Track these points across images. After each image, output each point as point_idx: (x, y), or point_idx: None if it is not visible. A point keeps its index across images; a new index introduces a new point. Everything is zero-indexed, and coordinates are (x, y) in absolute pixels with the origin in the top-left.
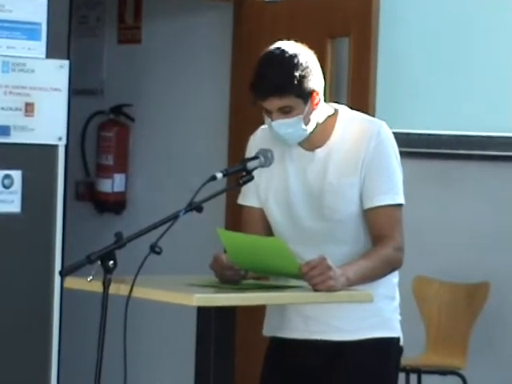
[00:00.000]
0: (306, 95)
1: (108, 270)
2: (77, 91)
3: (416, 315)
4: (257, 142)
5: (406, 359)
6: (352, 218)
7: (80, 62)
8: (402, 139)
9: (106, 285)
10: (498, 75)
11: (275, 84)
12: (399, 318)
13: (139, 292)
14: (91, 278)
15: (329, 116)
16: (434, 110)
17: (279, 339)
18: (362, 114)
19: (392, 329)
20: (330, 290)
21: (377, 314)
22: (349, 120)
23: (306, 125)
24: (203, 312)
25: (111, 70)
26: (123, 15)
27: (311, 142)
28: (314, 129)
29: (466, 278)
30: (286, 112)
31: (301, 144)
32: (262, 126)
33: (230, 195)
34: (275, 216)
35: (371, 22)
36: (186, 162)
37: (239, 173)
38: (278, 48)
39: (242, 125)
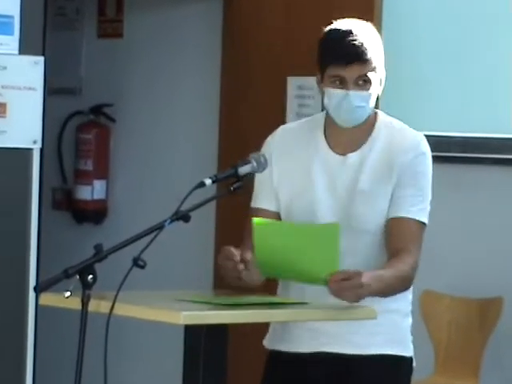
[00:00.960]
0: (379, 71)
1: (87, 286)
2: (53, 90)
3: (424, 333)
4: (278, 142)
5: (413, 381)
6: (378, 231)
7: (56, 58)
8: None
9: (84, 301)
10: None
11: (360, 50)
12: (411, 337)
13: (121, 309)
14: (69, 293)
15: (368, 116)
16: (444, 110)
17: (282, 353)
18: (399, 121)
19: (405, 347)
20: (349, 302)
21: (391, 330)
22: (388, 126)
23: (372, 105)
24: (191, 330)
25: (90, 66)
26: (104, 7)
27: (344, 145)
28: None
29: (477, 293)
30: (364, 82)
31: (331, 146)
32: (283, 126)
33: (220, 203)
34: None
35: (373, 16)
36: (172, 166)
37: (230, 179)
38: (347, 21)
39: (233, 126)
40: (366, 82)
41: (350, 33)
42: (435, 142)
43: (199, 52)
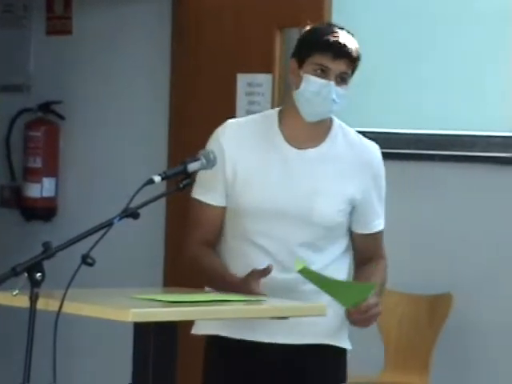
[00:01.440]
0: (353, 74)
1: (35, 283)
2: (1, 87)
3: (374, 330)
4: (230, 134)
5: (363, 377)
6: (337, 229)
7: (5, 56)
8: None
9: (33, 299)
10: (459, 70)
11: (352, 48)
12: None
13: (70, 307)
14: (17, 291)
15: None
16: (392, 107)
17: (224, 338)
18: (348, 126)
19: (346, 340)
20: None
21: (335, 323)
22: (344, 129)
23: (342, 105)
24: (141, 327)
25: (39, 63)
26: (52, 4)
27: (301, 139)
28: (312, 124)
29: (426, 289)
30: (342, 80)
31: (288, 140)
32: (231, 120)
33: (169, 200)
34: (252, 214)
35: (323, 11)
36: (122, 164)
37: (179, 176)
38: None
39: (183, 123)
40: (343, 81)
41: (343, 31)
42: (385, 139)
43: (149, 49)
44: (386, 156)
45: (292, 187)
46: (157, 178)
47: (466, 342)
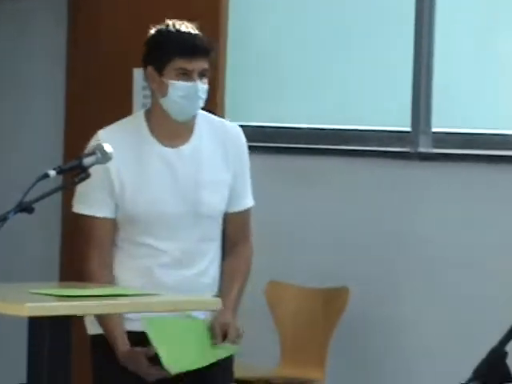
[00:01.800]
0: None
1: None
2: None
3: (269, 323)
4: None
5: (259, 371)
6: (221, 216)
7: None
8: (256, 133)
9: None
10: (361, 64)
11: (205, 43)
12: None
13: None
14: None
15: None
16: (291, 102)
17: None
18: (209, 113)
19: None
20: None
21: None
22: (207, 118)
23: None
24: (36, 322)
25: None
26: None
27: (172, 138)
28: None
29: (322, 283)
30: (203, 76)
31: (160, 140)
32: (102, 130)
33: (65, 195)
34: (145, 220)
35: (220, 8)
36: (17, 159)
37: (74, 170)
38: (181, 21)
39: (79, 118)
40: (204, 77)
41: (191, 28)
42: (283, 134)
43: (45, 47)
44: (276, 150)
45: (178, 187)
46: (52, 173)
47: (363, 337)
